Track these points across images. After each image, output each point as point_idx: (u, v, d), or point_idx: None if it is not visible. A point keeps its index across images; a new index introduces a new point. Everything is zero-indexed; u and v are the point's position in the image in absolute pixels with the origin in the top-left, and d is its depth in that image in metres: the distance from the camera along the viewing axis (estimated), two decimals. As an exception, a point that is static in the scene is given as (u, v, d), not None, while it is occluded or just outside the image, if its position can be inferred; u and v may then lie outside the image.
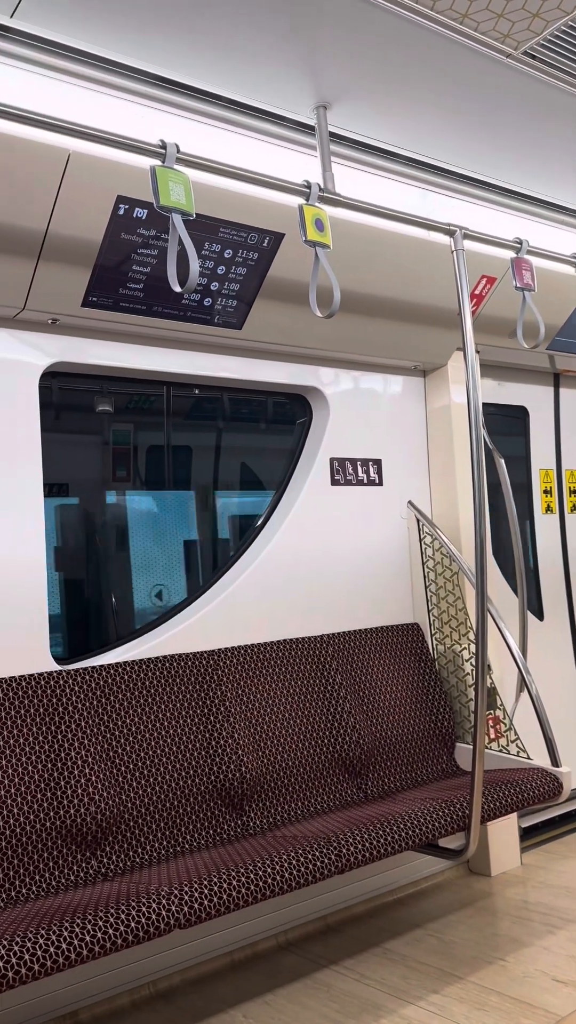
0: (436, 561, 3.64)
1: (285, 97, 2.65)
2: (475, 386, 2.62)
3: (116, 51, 2.37)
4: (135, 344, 2.97)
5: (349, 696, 3.21)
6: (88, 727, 2.62)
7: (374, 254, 3.09)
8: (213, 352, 3.17)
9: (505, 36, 2.41)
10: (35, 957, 1.81)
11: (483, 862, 3.55)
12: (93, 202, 2.46)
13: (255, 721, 2.97)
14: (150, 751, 2.72)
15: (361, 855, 2.38)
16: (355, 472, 3.59)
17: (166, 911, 2.02)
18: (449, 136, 2.96)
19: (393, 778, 3.21)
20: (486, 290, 3.54)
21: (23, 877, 2.38)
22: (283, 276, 2.97)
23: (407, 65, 2.51)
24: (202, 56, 2.41)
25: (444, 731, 3.41)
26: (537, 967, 2.70)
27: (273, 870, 2.22)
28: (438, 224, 2.77)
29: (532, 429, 4.39)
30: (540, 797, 2.88)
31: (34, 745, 2.53)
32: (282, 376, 3.37)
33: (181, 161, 2.24)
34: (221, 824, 2.77)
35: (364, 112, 2.76)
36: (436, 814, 2.60)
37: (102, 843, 2.53)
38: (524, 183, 3.40)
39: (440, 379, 3.79)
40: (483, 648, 2.58)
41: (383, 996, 2.60)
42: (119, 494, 3.21)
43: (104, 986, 2.64)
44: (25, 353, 2.74)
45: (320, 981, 2.73)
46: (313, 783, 3.02)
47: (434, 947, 2.90)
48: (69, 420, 3.09)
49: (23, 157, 2.28)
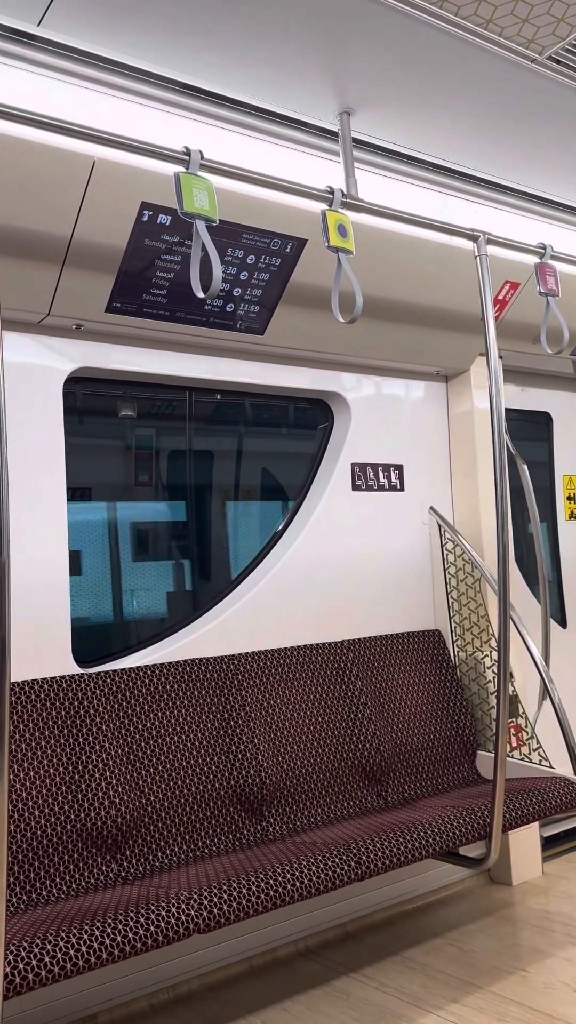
0: (458, 567, 3.62)
1: (309, 103, 2.65)
2: (498, 391, 2.61)
3: (141, 58, 2.39)
4: (158, 349, 2.99)
5: (369, 702, 3.20)
6: (109, 730, 2.63)
7: (397, 259, 3.08)
8: (235, 357, 3.18)
9: (530, 41, 2.40)
10: (55, 960, 1.82)
11: (504, 871, 3.52)
12: (118, 208, 2.48)
13: (275, 726, 2.96)
14: (170, 755, 2.72)
15: (381, 862, 2.37)
16: (376, 478, 3.58)
17: (185, 915, 2.02)
18: (473, 141, 2.95)
19: (413, 785, 3.20)
20: (509, 295, 3.53)
21: (43, 879, 2.39)
22: (305, 281, 2.97)
23: (431, 71, 2.50)
24: (226, 63, 2.42)
25: (465, 739, 3.39)
26: (559, 978, 2.67)
27: (293, 876, 2.21)
28: (461, 229, 2.76)
29: (556, 435, 4.37)
30: (562, 806, 2.85)
31: (55, 747, 2.54)
32: (304, 381, 3.37)
33: (205, 167, 2.25)
34: (241, 829, 2.77)
35: (388, 118, 2.76)
36: (457, 822, 2.58)
37: (122, 847, 2.54)
38: (548, 188, 3.38)
39: (462, 384, 3.77)
40: (505, 655, 2.56)
41: (402, 1005, 2.58)
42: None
43: (123, 989, 2.65)
44: (49, 358, 2.76)
45: (339, 988, 2.71)
46: (333, 789, 3.01)
47: (454, 956, 2.87)
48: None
49: (49, 164, 2.30)
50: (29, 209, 2.36)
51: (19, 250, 2.43)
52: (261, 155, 2.83)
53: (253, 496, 3.50)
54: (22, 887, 2.35)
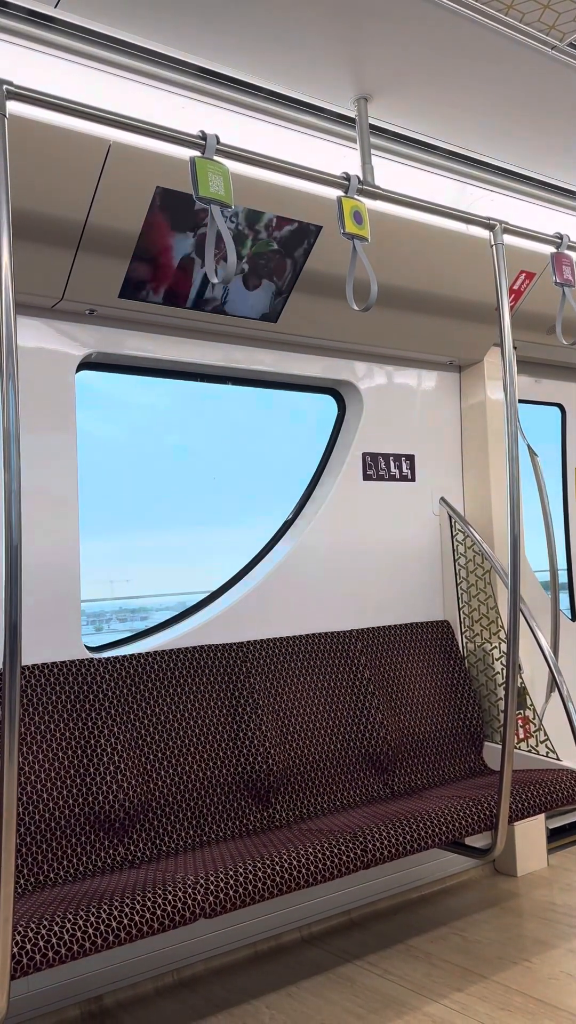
0: (468, 559, 3.61)
1: (326, 89, 2.63)
2: (512, 382, 2.59)
3: (158, 42, 2.37)
4: (171, 336, 2.98)
5: (377, 692, 3.20)
6: (118, 715, 2.64)
7: (412, 248, 3.06)
8: (248, 345, 3.17)
9: (551, 27, 2.38)
10: (61, 941, 1.83)
11: (509, 862, 3.52)
12: (133, 193, 2.47)
13: (283, 714, 2.97)
14: (178, 741, 2.73)
15: (387, 850, 2.37)
16: (387, 467, 3.57)
17: (191, 900, 2.03)
18: (490, 129, 2.92)
19: (420, 775, 3.20)
20: (525, 285, 3.50)
21: (51, 862, 2.40)
22: (320, 269, 2.96)
23: (449, 57, 2.48)
24: (243, 47, 2.40)
25: (473, 729, 3.39)
26: (563, 969, 2.68)
27: (298, 862, 2.22)
28: (477, 218, 2.74)
29: (568, 427, 4.34)
30: (569, 798, 2.85)
31: (64, 732, 2.55)
32: (316, 370, 3.36)
33: (221, 152, 2.24)
34: (247, 815, 2.78)
35: (405, 104, 2.73)
36: (463, 812, 2.58)
37: (129, 831, 2.55)
38: (567, 177, 3.35)
39: (476, 375, 3.75)
40: (515, 647, 2.55)
41: (406, 993, 2.59)
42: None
43: (129, 972, 2.67)
44: (62, 343, 2.76)
45: (343, 975, 2.73)
46: (339, 777, 3.02)
47: (458, 945, 2.88)
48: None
49: (65, 147, 2.29)
50: (44, 193, 2.35)
51: (34, 234, 2.43)
52: (277, 141, 2.81)
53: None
54: (30, 869, 2.36)
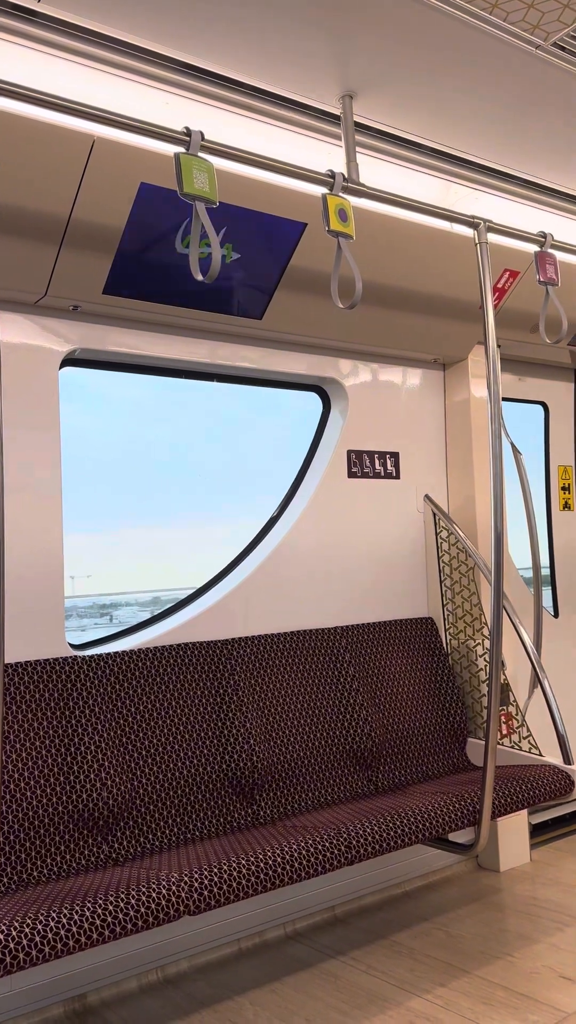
0: (452, 556, 3.62)
1: (311, 86, 2.63)
2: (496, 380, 2.60)
3: (142, 37, 2.36)
4: (155, 332, 2.97)
5: (362, 689, 3.21)
6: (102, 713, 2.63)
7: (397, 245, 3.07)
8: (233, 341, 3.16)
9: (535, 27, 2.39)
10: (45, 939, 1.83)
11: (492, 858, 3.54)
12: (117, 188, 2.46)
13: (267, 711, 2.97)
14: (162, 738, 2.73)
15: (371, 846, 2.38)
16: (372, 465, 3.58)
17: (175, 897, 2.03)
18: (475, 128, 2.93)
19: (404, 771, 3.21)
20: (508, 284, 3.52)
21: (35, 860, 2.40)
22: (305, 266, 2.96)
23: (434, 55, 2.48)
24: (228, 44, 2.40)
25: (456, 726, 3.41)
26: (545, 963, 2.70)
27: (283, 859, 2.22)
28: (462, 216, 2.75)
29: (551, 425, 4.37)
30: (551, 794, 2.87)
31: (48, 729, 2.54)
32: (301, 367, 3.36)
33: (205, 149, 2.23)
34: (232, 812, 2.78)
35: (390, 102, 2.74)
36: (446, 808, 2.59)
37: (113, 828, 2.54)
38: (550, 176, 3.37)
39: (460, 373, 3.77)
40: (498, 644, 2.57)
41: (390, 988, 2.60)
42: None
43: (112, 970, 2.66)
44: (46, 339, 2.75)
45: (327, 971, 2.73)
46: (324, 774, 3.02)
47: (442, 941, 2.90)
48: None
49: (48, 142, 2.28)
50: (27, 188, 2.34)
51: (17, 229, 2.41)
52: (262, 137, 2.81)
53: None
54: (13, 867, 2.35)
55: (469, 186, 3.34)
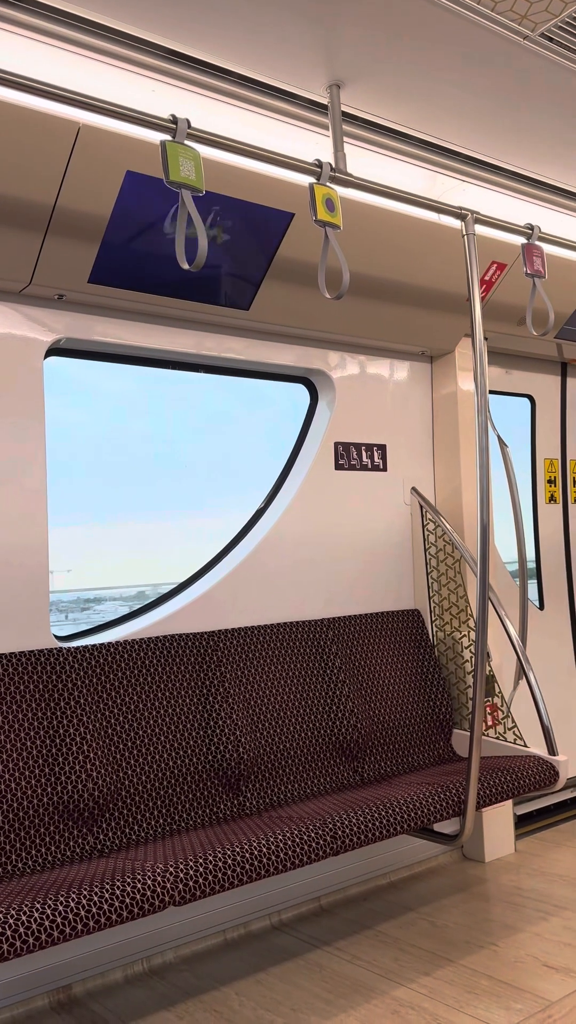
0: (438, 548, 3.63)
1: (298, 75, 2.62)
2: (483, 373, 2.60)
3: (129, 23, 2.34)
4: (141, 322, 2.96)
5: (348, 680, 3.22)
6: (87, 704, 2.63)
7: (384, 236, 3.06)
8: (220, 332, 3.15)
9: (523, 17, 2.38)
10: (29, 930, 1.82)
11: (477, 848, 3.56)
12: (103, 176, 2.44)
13: (253, 702, 2.97)
14: (148, 730, 2.72)
15: (356, 837, 2.39)
16: (359, 457, 3.58)
17: (161, 888, 2.03)
18: (463, 118, 2.93)
19: (390, 762, 3.22)
20: (496, 276, 3.52)
21: (19, 851, 2.39)
22: (292, 256, 2.94)
23: (422, 45, 2.47)
24: (216, 31, 2.38)
25: (442, 717, 3.42)
26: (529, 952, 2.72)
27: (268, 849, 2.23)
28: (450, 207, 2.75)
29: (538, 418, 4.38)
30: (536, 785, 2.89)
31: (33, 721, 2.53)
32: (288, 358, 3.35)
33: (192, 137, 2.21)
34: (217, 803, 2.78)
35: (378, 92, 2.73)
36: (432, 799, 2.60)
37: (99, 819, 2.54)
38: (538, 168, 3.37)
39: (447, 365, 3.77)
40: (483, 635, 2.57)
41: (375, 978, 2.61)
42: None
43: (98, 961, 2.66)
44: (30, 328, 2.73)
45: (312, 961, 2.74)
46: (310, 765, 3.03)
47: (426, 930, 2.91)
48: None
49: (33, 129, 2.26)
50: (11, 175, 2.32)
51: (1, 217, 2.39)
52: (249, 126, 2.79)
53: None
54: (-2, 859, 2.34)
55: (456, 177, 3.34)
